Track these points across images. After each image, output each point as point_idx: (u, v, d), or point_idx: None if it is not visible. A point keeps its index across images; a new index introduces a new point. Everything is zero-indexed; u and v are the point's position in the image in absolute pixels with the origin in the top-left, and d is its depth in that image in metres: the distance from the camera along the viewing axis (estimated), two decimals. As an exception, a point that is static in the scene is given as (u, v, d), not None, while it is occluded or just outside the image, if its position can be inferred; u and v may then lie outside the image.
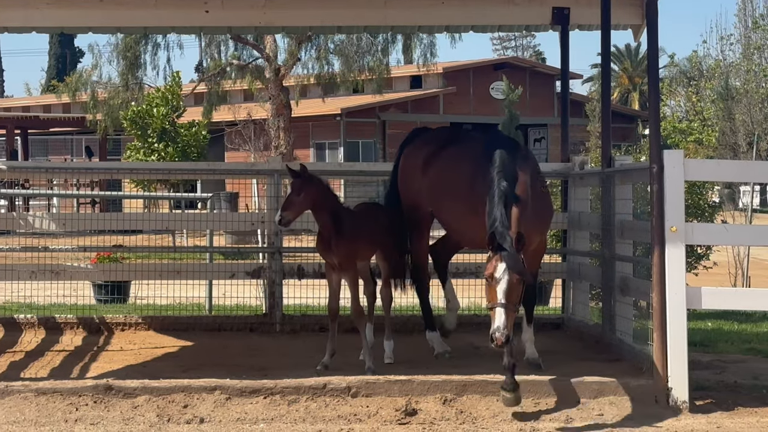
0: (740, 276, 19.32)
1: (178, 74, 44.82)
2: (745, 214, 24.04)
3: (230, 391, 9.90)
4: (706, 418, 9.87)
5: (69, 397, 9.88)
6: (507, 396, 9.62)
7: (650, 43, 10.90)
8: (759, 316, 16.03)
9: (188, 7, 14.71)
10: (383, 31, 33.49)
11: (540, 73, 67.37)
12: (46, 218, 16.49)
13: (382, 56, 44.35)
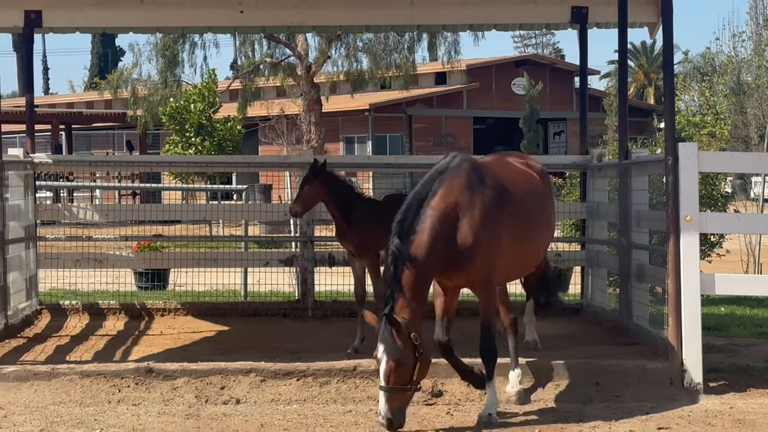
0: (752, 263, 19.25)
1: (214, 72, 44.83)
2: (757, 203, 23.99)
3: (265, 374, 9.92)
4: (720, 399, 9.85)
5: (112, 379, 9.92)
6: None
7: (665, 40, 10.86)
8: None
9: (224, 7, 14.75)
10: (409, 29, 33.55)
11: (559, 70, 67.16)
12: (90, 209, 16.53)
13: (408, 54, 44.25)
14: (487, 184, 9.06)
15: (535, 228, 9.85)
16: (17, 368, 10.13)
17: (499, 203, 9.07)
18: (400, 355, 8.41)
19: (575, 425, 8.85)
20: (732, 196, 20.42)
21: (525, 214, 9.54)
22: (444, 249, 8.70)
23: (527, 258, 9.94)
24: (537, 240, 10.02)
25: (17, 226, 13.04)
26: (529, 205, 9.67)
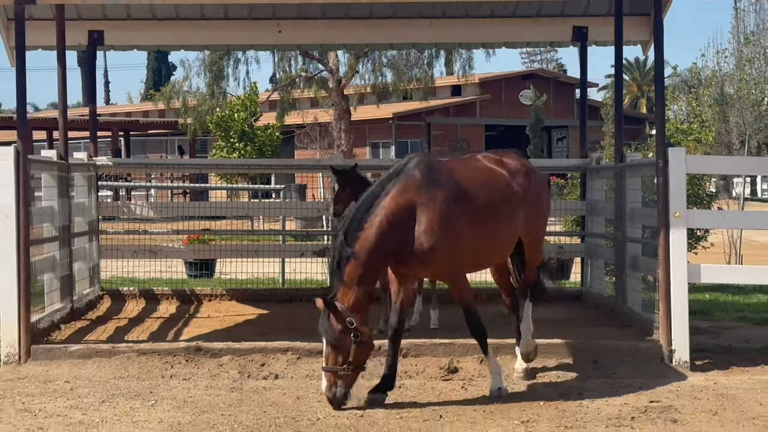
0: (734, 255, 19.20)
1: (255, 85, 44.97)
2: (738, 201, 23.91)
3: (300, 352, 9.94)
4: (705, 375, 9.84)
5: (165, 356, 9.96)
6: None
7: (657, 56, 10.86)
8: (750, 288, 15.92)
9: (264, 28, 14.80)
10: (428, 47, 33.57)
11: (562, 83, 67.01)
12: (145, 206, 16.59)
13: (427, 68, 44.21)
14: (442, 183, 8.71)
15: (498, 220, 9.17)
16: (82, 347, 10.18)
17: (456, 199, 8.73)
18: (334, 339, 8.32)
19: (576, 398, 8.83)
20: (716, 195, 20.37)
21: (485, 207, 9.02)
22: (393, 245, 8.48)
23: (494, 247, 9.35)
24: (502, 231, 9.28)
25: (82, 221, 13.12)
26: (491, 199, 9.10)
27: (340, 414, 8.22)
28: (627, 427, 7.87)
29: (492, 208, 9.11)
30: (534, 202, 9.63)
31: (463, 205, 8.77)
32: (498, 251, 9.51)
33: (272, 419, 8.06)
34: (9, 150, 10.17)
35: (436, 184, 8.67)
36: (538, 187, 9.84)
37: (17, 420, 7.98)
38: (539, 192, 9.83)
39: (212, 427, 7.80)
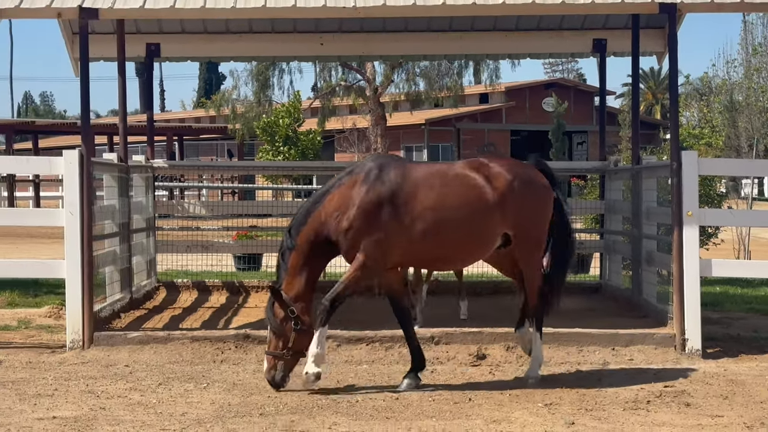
0: (742, 251, 19.06)
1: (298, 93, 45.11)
2: (746, 201, 23.74)
3: (340, 340, 9.95)
4: (716, 362, 9.79)
5: (216, 343, 9.99)
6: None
7: (671, 66, 10.78)
8: (757, 282, 15.80)
9: (307, 41, 14.83)
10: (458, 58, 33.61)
11: (582, 91, 66.78)
12: (198, 205, 16.64)
13: (457, 78, 44.30)
14: (384, 182, 8.43)
15: (452, 221, 8.57)
16: (140, 334, 10.24)
17: (392, 198, 8.40)
18: (276, 326, 8.36)
19: (595, 383, 8.80)
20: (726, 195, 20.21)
21: (435, 209, 8.51)
22: (330, 238, 8.44)
23: (448, 247, 8.77)
24: (459, 232, 8.62)
25: (140, 218, 13.19)
26: (445, 202, 8.55)
27: (377, 396, 8.23)
28: (643, 410, 7.84)
29: (445, 210, 8.56)
30: (516, 207, 8.72)
31: (401, 205, 8.46)
32: (458, 251, 8.89)
33: (315, 401, 8.07)
34: (74, 153, 10.25)
35: (378, 182, 8.47)
36: (528, 194, 8.83)
37: (82, 400, 8.04)
38: (528, 198, 8.83)
39: (259, 408, 7.82)
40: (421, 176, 8.66)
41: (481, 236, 8.80)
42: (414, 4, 10.12)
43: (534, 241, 8.94)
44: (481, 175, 8.76)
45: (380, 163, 8.67)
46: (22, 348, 10.36)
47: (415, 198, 8.51)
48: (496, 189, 8.69)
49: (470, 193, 8.68)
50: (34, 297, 13.63)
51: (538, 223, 8.95)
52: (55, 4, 10.07)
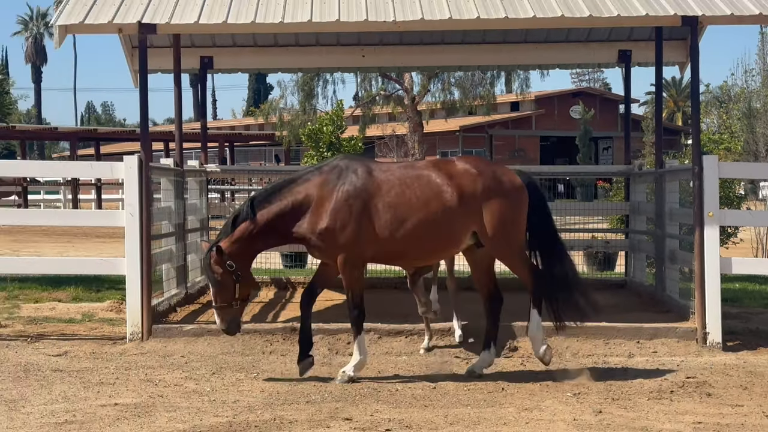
0: (761, 249, 18.89)
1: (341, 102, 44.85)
2: (764, 202, 23.53)
3: (381, 332, 9.96)
4: (735, 354, 9.72)
5: (265, 335, 10.03)
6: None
7: (693, 75, 10.72)
8: (775, 279, 15.68)
9: (349, 53, 14.89)
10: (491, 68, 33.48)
11: (607, 99, 66.46)
12: (248, 206, 16.70)
13: (490, 87, 44.20)
14: (347, 182, 8.39)
15: (413, 224, 8.39)
16: (195, 326, 10.29)
17: (356, 198, 8.35)
18: (217, 278, 8.41)
19: (621, 374, 8.75)
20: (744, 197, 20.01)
21: (398, 207, 8.38)
22: (285, 227, 8.47)
23: (407, 248, 8.56)
24: (417, 234, 8.44)
25: (194, 219, 13.24)
26: (408, 200, 8.40)
27: (416, 385, 8.23)
28: (667, 399, 7.79)
29: (406, 209, 8.40)
30: (482, 205, 8.49)
31: (368, 204, 8.39)
32: (421, 249, 8.67)
33: (357, 390, 8.08)
34: (134, 159, 10.32)
35: (344, 182, 8.42)
36: (495, 192, 8.55)
37: (141, 388, 8.09)
38: (496, 196, 8.53)
39: (306, 396, 7.84)
40: (384, 177, 8.55)
41: (443, 234, 8.55)
42: (450, 19, 10.12)
43: (504, 236, 8.57)
44: (443, 174, 8.54)
45: (347, 163, 8.60)
46: (86, 339, 10.46)
47: (379, 197, 8.43)
48: (458, 187, 8.47)
49: (429, 192, 8.47)
50: (97, 292, 13.73)
51: (509, 218, 8.58)
52: (116, 20, 10.15)
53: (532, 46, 14.77)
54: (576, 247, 15.04)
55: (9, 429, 6.77)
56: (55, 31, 10.20)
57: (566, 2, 10.34)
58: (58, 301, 13.04)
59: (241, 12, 10.29)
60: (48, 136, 54.29)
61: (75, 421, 7.00)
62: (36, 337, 10.49)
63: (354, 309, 8.54)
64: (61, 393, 7.89)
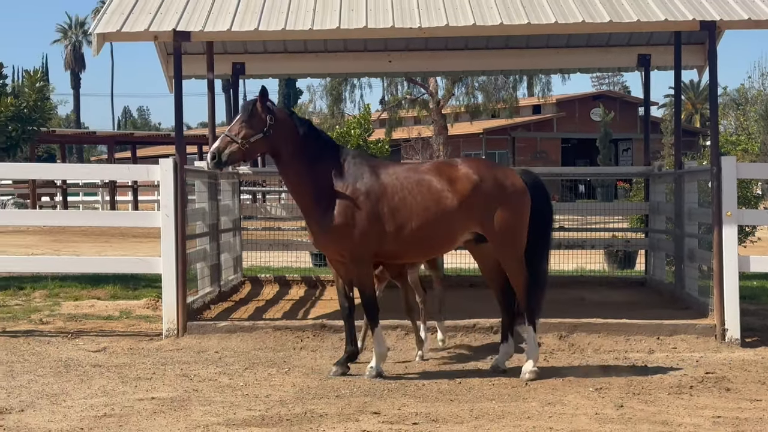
0: (778, 248, 18.76)
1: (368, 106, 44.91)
2: (781, 202, 23.36)
3: (408, 329, 9.91)
4: (753, 350, 9.65)
5: (296, 331, 10.04)
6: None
7: (711, 78, 10.65)
8: (792, 277, 15.54)
9: (376, 59, 14.90)
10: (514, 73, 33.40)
11: (627, 102, 66.18)
12: (278, 207, 16.74)
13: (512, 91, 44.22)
14: (362, 181, 8.29)
15: (413, 227, 8.27)
16: (228, 323, 10.31)
17: (368, 197, 8.25)
18: (250, 117, 8.25)
19: (642, 369, 8.71)
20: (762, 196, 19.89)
21: (398, 208, 8.26)
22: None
23: (411, 243, 8.40)
24: (424, 227, 8.29)
25: (227, 219, 13.28)
26: (408, 201, 8.27)
27: (442, 381, 8.21)
28: (687, 394, 7.74)
29: (406, 213, 8.28)
30: (484, 207, 8.32)
31: (373, 204, 8.27)
32: (419, 248, 8.57)
33: (385, 384, 8.08)
34: (169, 162, 10.36)
35: (359, 181, 8.32)
36: (497, 194, 8.36)
37: (177, 383, 8.12)
38: (497, 198, 8.35)
39: (336, 391, 7.85)
40: (388, 180, 8.39)
41: (441, 236, 8.44)
42: (474, 25, 10.09)
43: (508, 239, 8.37)
44: (444, 179, 8.36)
45: (357, 161, 8.48)
46: (124, 336, 10.51)
47: (383, 200, 8.30)
48: (458, 192, 8.29)
49: (429, 197, 8.31)
50: (134, 290, 13.80)
51: (510, 222, 8.36)
52: (152, 28, 10.20)
53: (553, 50, 14.72)
54: (597, 245, 15.01)
55: (51, 422, 6.82)
56: (93, 39, 10.25)
57: (587, 8, 10.31)
58: (97, 298, 13.12)
59: (272, 19, 10.31)
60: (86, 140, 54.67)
61: (114, 414, 7.04)
62: (76, 334, 10.55)
63: (369, 300, 8.51)
64: (100, 387, 7.93)
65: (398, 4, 10.50)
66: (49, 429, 6.62)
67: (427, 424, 6.78)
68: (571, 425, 6.72)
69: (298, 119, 8.59)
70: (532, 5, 10.38)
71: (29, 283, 14.19)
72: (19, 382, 8.13)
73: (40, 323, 11.21)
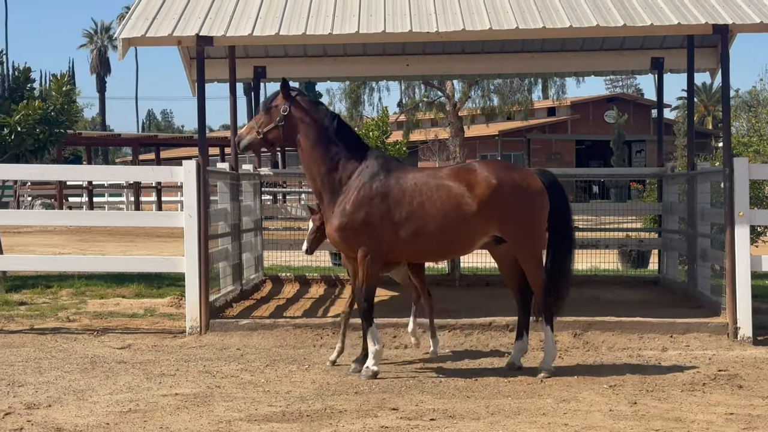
0: (789, 248, 18.63)
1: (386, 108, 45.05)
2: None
3: (424, 327, 9.80)
4: (765, 348, 9.60)
5: (315, 329, 10.04)
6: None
7: (724, 81, 10.59)
8: (803, 276, 15.44)
9: (394, 63, 14.93)
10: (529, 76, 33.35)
11: (640, 104, 65.93)
12: (299, 207, 16.76)
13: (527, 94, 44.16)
14: (381, 181, 8.25)
15: (431, 221, 8.20)
16: (249, 321, 10.33)
17: (385, 199, 8.22)
18: (268, 107, 8.48)
19: (655, 367, 8.68)
20: (774, 197, 19.73)
21: (415, 210, 8.20)
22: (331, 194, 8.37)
23: (428, 246, 8.38)
24: (439, 230, 8.24)
25: (249, 219, 13.32)
26: (426, 212, 8.20)
27: (458, 378, 8.20)
28: (699, 391, 7.70)
29: (425, 218, 8.21)
30: (503, 210, 8.25)
31: (391, 207, 8.23)
32: (439, 248, 8.52)
33: (403, 381, 8.08)
34: (192, 163, 10.39)
35: (375, 180, 8.29)
36: (516, 197, 8.29)
37: (200, 379, 8.15)
38: (516, 201, 8.28)
39: (355, 387, 7.85)
40: (407, 184, 8.32)
41: (460, 241, 8.40)
42: (490, 29, 10.08)
43: (527, 240, 8.33)
44: (463, 184, 8.27)
45: (381, 162, 8.44)
46: (148, 333, 10.54)
47: (402, 203, 8.24)
48: (477, 196, 8.20)
49: (448, 203, 8.23)
50: (158, 289, 13.85)
51: (529, 224, 8.31)
52: (176, 33, 10.23)
53: (568, 54, 14.70)
54: (611, 245, 14.97)
55: (77, 417, 6.85)
56: (118, 44, 10.29)
57: (601, 12, 10.27)
58: (122, 297, 13.17)
59: (293, 24, 10.33)
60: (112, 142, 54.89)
61: (138, 410, 7.06)
62: (102, 331, 10.60)
63: (364, 302, 8.41)
64: (125, 383, 7.96)
65: (416, 9, 10.49)
66: (76, 424, 6.65)
67: (444, 420, 6.77)
68: (585, 421, 6.70)
69: (325, 111, 8.55)
70: (547, 9, 10.35)
71: (56, 281, 14.27)
72: (47, 378, 8.17)
73: (67, 321, 11.26)
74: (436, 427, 6.55)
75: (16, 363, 8.82)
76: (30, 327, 10.85)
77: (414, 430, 6.47)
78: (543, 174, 8.67)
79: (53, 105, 14.28)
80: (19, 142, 13.95)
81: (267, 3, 10.82)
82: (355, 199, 8.26)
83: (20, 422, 6.68)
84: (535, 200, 8.38)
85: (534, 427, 6.56)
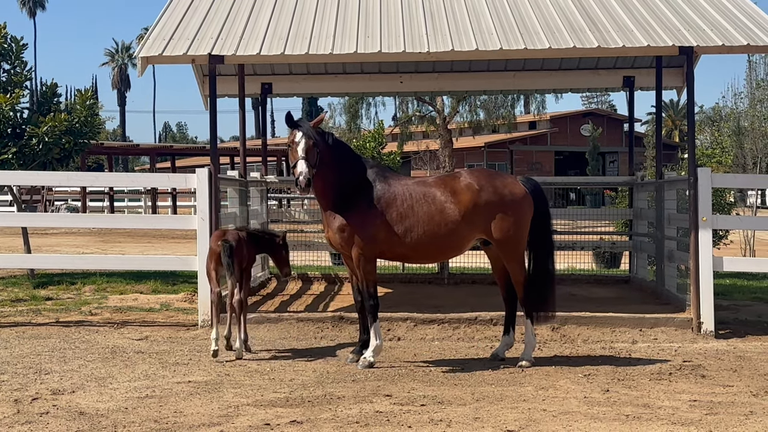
0: (748, 250, 18.67)
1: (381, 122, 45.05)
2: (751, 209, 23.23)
3: (416, 321, 9.94)
4: (726, 342, 9.61)
5: (317, 323, 10.04)
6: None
7: (689, 98, 10.65)
8: (761, 276, 15.48)
9: (389, 80, 14.93)
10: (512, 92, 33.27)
11: (613, 119, 65.98)
12: (301, 212, 16.75)
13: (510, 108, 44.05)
14: (377, 188, 8.27)
15: (426, 229, 8.20)
16: (256, 315, 10.31)
17: (378, 204, 8.23)
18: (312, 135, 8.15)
19: (626, 358, 8.69)
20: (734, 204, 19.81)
21: (406, 215, 8.20)
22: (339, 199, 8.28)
23: (418, 248, 8.29)
24: (430, 234, 8.22)
25: (256, 223, 13.25)
26: (415, 210, 8.22)
27: (447, 367, 8.21)
28: (666, 380, 7.71)
29: (412, 223, 8.21)
30: (486, 215, 8.26)
31: (382, 212, 8.22)
32: (429, 250, 8.38)
33: (396, 371, 8.08)
34: (205, 171, 10.39)
35: (371, 188, 8.30)
36: (498, 202, 8.29)
37: (210, 368, 8.14)
38: (499, 205, 8.28)
39: (352, 376, 7.85)
40: (399, 189, 8.34)
41: (447, 243, 8.33)
42: (476, 50, 10.10)
43: (511, 242, 8.30)
44: (448, 191, 8.29)
45: (375, 170, 8.46)
46: (164, 326, 10.53)
47: (393, 207, 8.24)
48: (461, 202, 8.22)
49: (434, 208, 8.24)
50: (173, 285, 13.83)
51: (511, 227, 8.28)
52: (190, 52, 10.23)
53: (547, 72, 14.73)
54: (586, 247, 14.97)
55: (99, 402, 6.84)
56: (138, 62, 10.31)
57: (578, 35, 10.30)
58: (140, 293, 13.16)
59: (297, 45, 10.34)
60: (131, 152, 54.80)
61: (155, 396, 7.06)
62: (121, 324, 10.59)
63: (369, 299, 8.40)
64: (142, 372, 7.96)
65: (409, 31, 10.52)
66: (98, 408, 6.65)
67: (434, 405, 6.78)
68: (562, 407, 6.71)
69: (332, 137, 8.50)
70: (529, 32, 10.38)
71: (80, 278, 14.26)
72: (71, 366, 8.16)
73: (89, 314, 11.25)
74: (426, 412, 6.55)
75: (43, 353, 8.82)
76: (56, 320, 10.84)
77: (406, 415, 6.47)
78: (527, 181, 8.67)
79: (78, 117, 14.27)
80: (47, 151, 13.95)
81: (273, 25, 10.83)
82: (353, 206, 8.27)
83: (46, 406, 6.68)
84: (517, 205, 8.37)
85: (515, 412, 6.57)
